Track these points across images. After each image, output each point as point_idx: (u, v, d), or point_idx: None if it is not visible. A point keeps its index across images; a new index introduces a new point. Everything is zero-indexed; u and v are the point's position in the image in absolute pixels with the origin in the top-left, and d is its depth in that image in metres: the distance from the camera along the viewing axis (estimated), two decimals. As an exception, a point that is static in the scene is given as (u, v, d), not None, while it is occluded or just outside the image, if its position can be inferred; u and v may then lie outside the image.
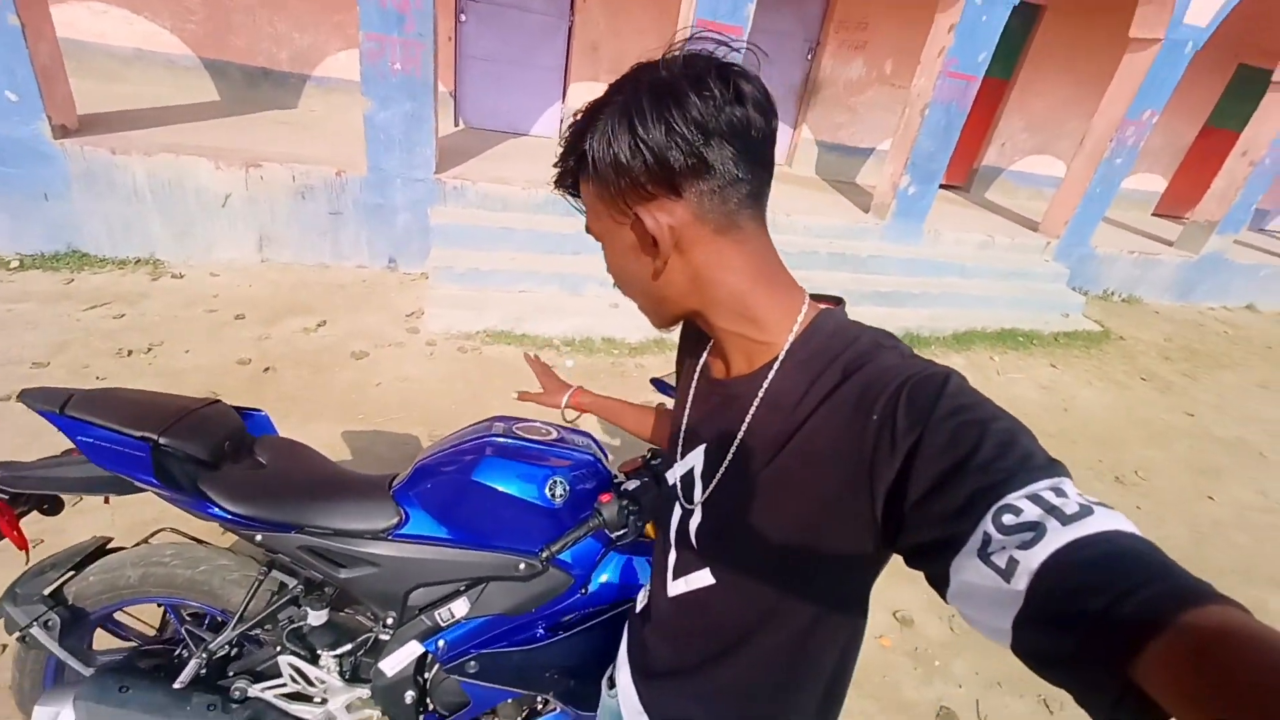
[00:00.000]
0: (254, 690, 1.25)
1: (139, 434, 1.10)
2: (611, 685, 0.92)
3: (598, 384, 3.27)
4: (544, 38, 5.55)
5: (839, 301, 0.65)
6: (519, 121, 5.79)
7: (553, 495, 1.22)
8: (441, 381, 3.11)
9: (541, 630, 1.24)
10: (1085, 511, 0.39)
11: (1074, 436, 3.70)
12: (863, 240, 4.90)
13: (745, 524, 0.61)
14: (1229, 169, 6.03)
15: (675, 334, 0.83)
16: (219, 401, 1.31)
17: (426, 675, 1.29)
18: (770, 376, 0.59)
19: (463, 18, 5.30)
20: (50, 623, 1.18)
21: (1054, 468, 0.43)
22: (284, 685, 1.25)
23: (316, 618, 1.24)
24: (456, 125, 5.66)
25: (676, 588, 0.72)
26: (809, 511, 0.55)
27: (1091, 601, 0.35)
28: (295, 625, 1.26)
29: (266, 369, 2.95)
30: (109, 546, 1.33)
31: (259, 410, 1.42)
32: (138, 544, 1.44)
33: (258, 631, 1.26)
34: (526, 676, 1.25)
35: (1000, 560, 0.39)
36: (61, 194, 3.38)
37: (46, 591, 1.20)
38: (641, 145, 0.52)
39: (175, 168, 3.45)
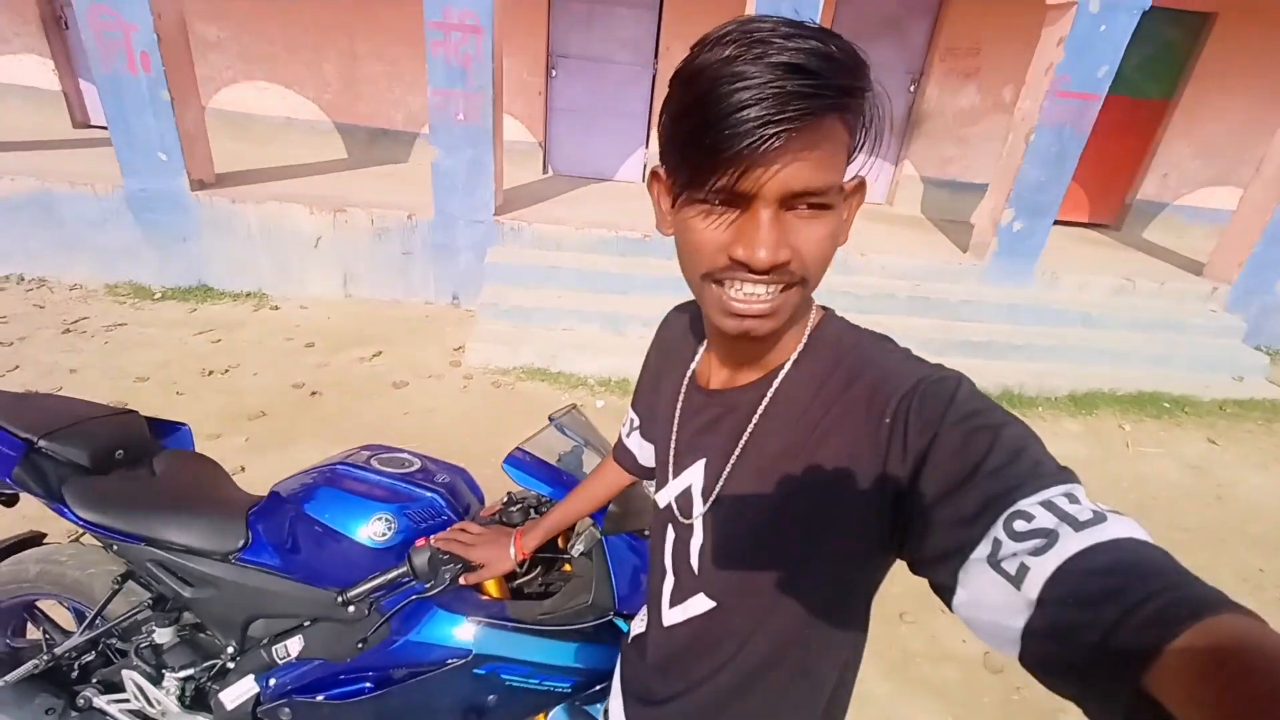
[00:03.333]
0: (98, 701, 1.26)
1: (22, 435, 1.18)
2: (606, 716, 0.88)
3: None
4: (630, 86, 5.73)
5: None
6: (604, 167, 5.98)
7: (375, 534, 1.13)
8: (466, 414, 3.17)
9: (368, 684, 1.13)
10: (1099, 518, 0.38)
11: (1224, 534, 2.86)
12: (956, 283, 4.33)
13: (750, 535, 0.59)
14: None
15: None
16: (132, 412, 1.38)
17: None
18: (777, 382, 0.57)
19: (554, 73, 5.65)
20: None
21: (1065, 474, 0.42)
22: (127, 701, 1.26)
23: (161, 635, 1.24)
24: (545, 173, 5.98)
25: (673, 616, 0.69)
26: (817, 517, 0.53)
27: (1106, 609, 0.34)
28: (148, 641, 1.26)
29: (314, 393, 3.20)
30: (44, 541, 1.45)
31: (183, 425, 1.49)
32: (71, 540, 1.55)
33: (115, 642, 1.29)
34: None
35: (1010, 567, 0.39)
36: (195, 236, 4.02)
37: None
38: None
39: (279, 214, 3.97)
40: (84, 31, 3.42)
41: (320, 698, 1.14)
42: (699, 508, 0.63)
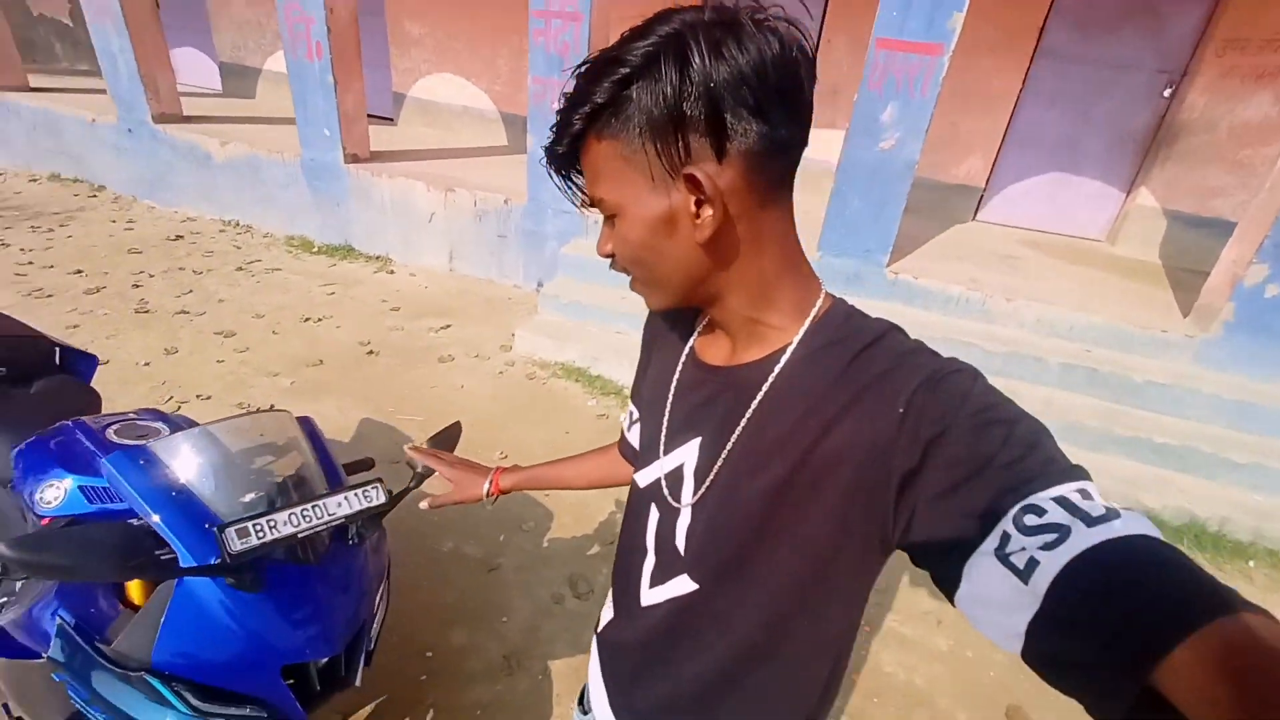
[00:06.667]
0: None
1: None
2: (585, 709, 0.85)
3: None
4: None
5: None
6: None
7: (45, 499, 1.07)
8: (486, 400, 3.14)
9: None
10: (1111, 515, 0.38)
11: None
12: (1149, 357, 3.13)
13: (744, 520, 0.57)
14: None
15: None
16: (40, 339, 1.53)
17: None
18: (782, 363, 0.56)
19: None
20: None
21: (1078, 471, 0.42)
22: None
23: None
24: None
25: (653, 596, 0.68)
26: (816, 506, 0.53)
27: (1116, 605, 0.34)
28: None
29: (371, 352, 3.44)
30: None
31: (94, 358, 1.64)
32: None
33: None
34: None
35: (1019, 561, 0.39)
36: (346, 203, 4.62)
37: None
38: (700, 89, 0.45)
39: (405, 189, 4.36)
40: (280, 24, 4.10)
41: None
42: (689, 486, 0.62)
